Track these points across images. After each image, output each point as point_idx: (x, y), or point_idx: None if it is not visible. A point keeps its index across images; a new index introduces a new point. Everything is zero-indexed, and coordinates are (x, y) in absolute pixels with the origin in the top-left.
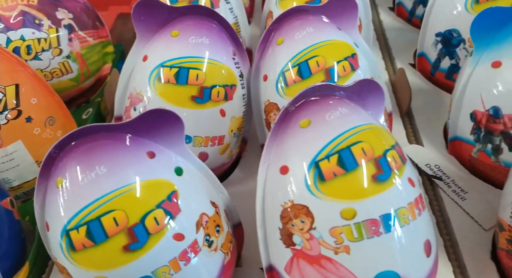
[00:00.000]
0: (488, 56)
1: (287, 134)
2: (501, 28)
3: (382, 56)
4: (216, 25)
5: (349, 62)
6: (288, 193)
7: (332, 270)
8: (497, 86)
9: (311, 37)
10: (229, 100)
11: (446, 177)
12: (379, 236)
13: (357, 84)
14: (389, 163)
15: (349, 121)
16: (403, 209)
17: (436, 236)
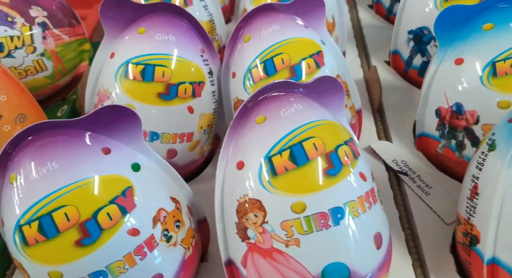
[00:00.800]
0: (452, 53)
1: (244, 131)
2: (464, 25)
3: (358, 54)
4: (184, 23)
5: (314, 60)
6: (243, 188)
7: (283, 262)
8: (459, 83)
9: (277, 34)
10: (197, 97)
11: (412, 172)
12: (328, 229)
13: (316, 81)
14: (340, 158)
15: (303, 118)
16: (353, 203)
17: (398, 230)
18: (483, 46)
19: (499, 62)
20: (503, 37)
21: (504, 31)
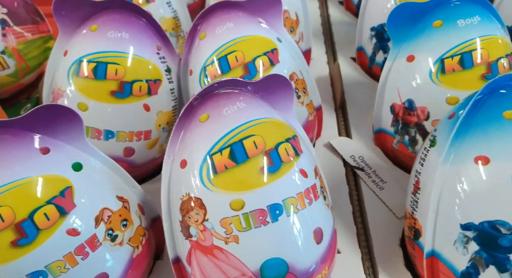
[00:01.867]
0: (405, 51)
1: (189, 129)
2: (416, 22)
3: (326, 50)
4: (139, 20)
5: (269, 57)
6: (186, 186)
7: (223, 259)
8: (411, 79)
9: (231, 32)
10: (154, 95)
11: (368, 167)
12: (266, 225)
13: (265, 79)
14: (281, 155)
15: (245, 116)
16: (292, 199)
17: (350, 224)
18: (433, 43)
19: (447, 59)
20: (451, 34)
21: (452, 28)
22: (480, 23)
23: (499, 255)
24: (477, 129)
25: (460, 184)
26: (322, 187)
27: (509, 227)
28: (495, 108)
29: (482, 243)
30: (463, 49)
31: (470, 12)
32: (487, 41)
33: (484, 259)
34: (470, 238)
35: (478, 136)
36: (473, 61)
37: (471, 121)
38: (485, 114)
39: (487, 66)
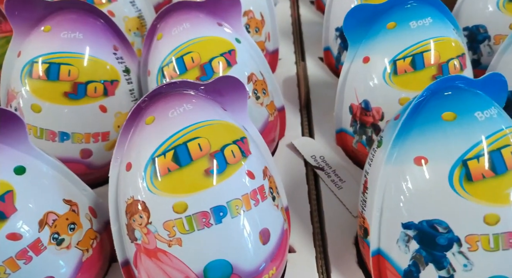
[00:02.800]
0: (361, 52)
1: (136, 131)
2: (372, 24)
3: (294, 50)
4: (95, 20)
5: (226, 58)
6: (130, 190)
7: (167, 262)
8: (366, 80)
9: (187, 33)
10: (110, 96)
11: (328, 167)
12: (210, 227)
13: (216, 81)
14: (226, 157)
15: (191, 118)
16: (237, 201)
17: (307, 224)
18: (386, 45)
19: (399, 61)
20: (403, 36)
21: (404, 30)
22: (432, 24)
23: (437, 253)
24: (417, 131)
25: (401, 184)
26: (272, 187)
27: (446, 226)
28: (435, 110)
29: (421, 242)
30: (414, 50)
31: (422, 13)
32: (438, 43)
33: (424, 257)
34: (411, 237)
35: (418, 137)
36: (424, 62)
37: (412, 122)
38: (425, 115)
39: (438, 67)
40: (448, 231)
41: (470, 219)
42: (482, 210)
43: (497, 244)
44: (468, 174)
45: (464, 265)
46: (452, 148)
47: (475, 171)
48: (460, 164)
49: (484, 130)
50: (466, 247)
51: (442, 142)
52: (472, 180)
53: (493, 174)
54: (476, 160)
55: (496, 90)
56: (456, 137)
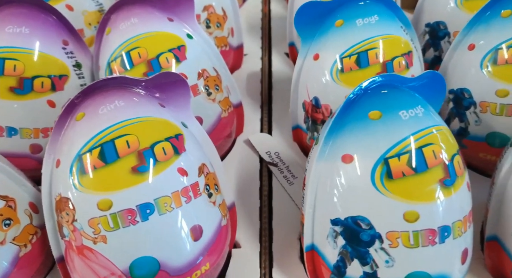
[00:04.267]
0: (313, 49)
1: (68, 127)
2: (322, 21)
3: (261, 46)
4: (42, 14)
5: (174, 54)
6: (58, 187)
7: (93, 259)
8: (316, 78)
9: (134, 28)
10: (59, 91)
11: (282, 163)
12: (136, 224)
13: (157, 77)
14: (156, 154)
15: (122, 115)
16: (166, 198)
17: (256, 220)
18: (334, 42)
19: (345, 58)
20: (350, 33)
21: (351, 28)
22: (378, 22)
23: (361, 249)
24: (347, 129)
25: (330, 181)
26: (209, 184)
27: (368, 223)
28: (363, 108)
29: (347, 238)
30: (360, 48)
31: (369, 11)
32: (383, 41)
33: (350, 253)
34: (338, 233)
35: (347, 135)
36: (369, 60)
37: (342, 120)
38: (354, 114)
39: (382, 65)
40: (370, 228)
41: (391, 216)
42: (402, 207)
43: (417, 240)
44: (389, 172)
45: (386, 261)
46: (375, 146)
47: (395, 169)
48: (382, 162)
49: (407, 129)
50: (387, 244)
51: (367, 140)
52: (392, 177)
53: (413, 172)
54: (397, 158)
55: (434, 88)
56: (379, 136)
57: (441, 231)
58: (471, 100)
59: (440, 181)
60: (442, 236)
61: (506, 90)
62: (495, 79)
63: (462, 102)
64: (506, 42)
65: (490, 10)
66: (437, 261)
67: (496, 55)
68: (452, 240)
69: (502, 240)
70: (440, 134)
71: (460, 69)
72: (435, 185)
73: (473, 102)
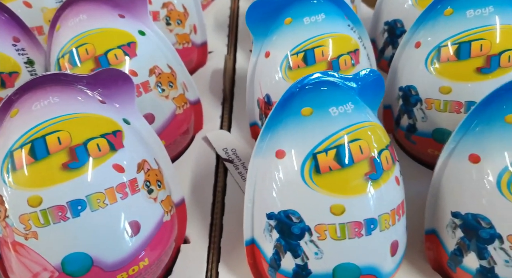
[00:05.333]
0: (265, 46)
1: (3, 124)
2: (274, 19)
3: (227, 43)
4: None
5: (123, 51)
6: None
7: (25, 255)
8: (267, 75)
9: (83, 24)
10: (9, 87)
11: (238, 160)
12: (66, 220)
13: (99, 73)
14: (90, 151)
15: (55, 111)
16: (99, 194)
17: (207, 216)
18: (283, 40)
19: (293, 56)
20: (298, 31)
21: (299, 26)
22: (324, 20)
23: (293, 242)
24: (281, 125)
25: (265, 176)
26: (150, 181)
27: (298, 216)
28: (297, 105)
29: (280, 231)
30: (306, 46)
31: (317, 9)
32: (329, 38)
33: (283, 246)
34: (273, 227)
35: (281, 131)
36: (315, 58)
37: (278, 117)
38: (289, 110)
39: (328, 63)
40: (300, 221)
41: (318, 209)
42: (329, 201)
43: (344, 233)
44: (317, 167)
45: (315, 253)
46: (306, 142)
47: (323, 164)
48: (311, 157)
49: (335, 125)
50: (316, 236)
51: (299, 136)
52: (320, 172)
53: (339, 167)
54: (324, 153)
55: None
56: (310, 132)
57: (367, 223)
58: (418, 97)
59: (365, 175)
60: (368, 229)
61: (448, 87)
62: (439, 77)
63: (410, 99)
64: (448, 40)
65: (435, 8)
66: (364, 253)
67: (439, 52)
68: (379, 232)
69: (439, 233)
70: (369, 130)
71: (408, 66)
72: (360, 179)
73: (420, 99)
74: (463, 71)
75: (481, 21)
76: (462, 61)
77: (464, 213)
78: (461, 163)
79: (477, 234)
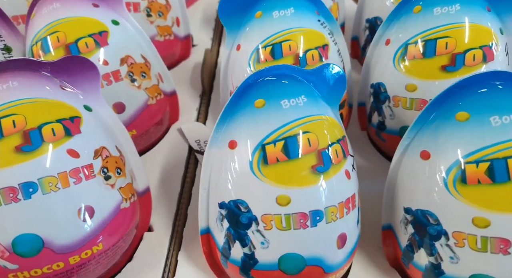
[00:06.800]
0: (237, 39)
1: None
2: (246, 12)
3: (212, 37)
4: None
5: (94, 39)
6: None
7: None
8: (239, 68)
9: (56, 12)
10: None
11: None
12: (18, 202)
13: (63, 60)
14: (43, 135)
15: (12, 95)
16: (51, 178)
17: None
18: (253, 33)
19: (262, 49)
20: (267, 25)
21: (268, 20)
22: (293, 15)
23: (241, 231)
24: (235, 116)
25: (219, 166)
26: (108, 167)
27: (246, 206)
28: (251, 97)
29: (230, 221)
30: (274, 40)
31: (286, 4)
32: (297, 33)
33: (232, 235)
34: (224, 216)
35: (235, 122)
36: (282, 52)
37: (233, 108)
38: (243, 102)
39: (295, 57)
40: (248, 211)
41: (265, 200)
42: (275, 191)
43: (289, 223)
44: (265, 158)
45: (261, 243)
46: (256, 133)
47: (271, 155)
48: (260, 148)
49: (286, 117)
50: (262, 226)
51: (250, 127)
52: (267, 163)
53: (286, 158)
54: (273, 144)
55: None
56: (260, 123)
57: (313, 215)
58: (386, 95)
59: (312, 168)
60: (314, 220)
61: (414, 85)
62: (405, 74)
63: (379, 97)
64: (415, 38)
65: (406, 5)
66: (309, 244)
67: (406, 50)
68: (325, 224)
69: (394, 229)
70: (320, 123)
71: (379, 64)
72: (307, 171)
73: (388, 96)
74: (429, 69)
75: (447, 19)
76: (428, 59)
77: (415, 209)
78: (414, 159)
79: (426, 231)
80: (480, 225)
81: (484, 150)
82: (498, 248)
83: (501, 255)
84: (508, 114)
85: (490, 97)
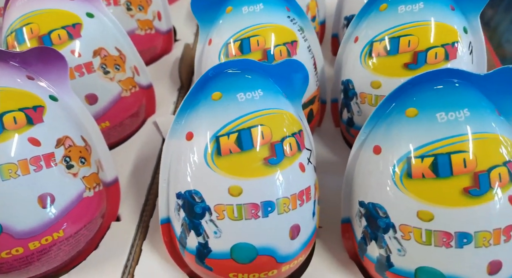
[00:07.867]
0: (210, 34)
1: None
2: (219, 7)
3: (195, 32)
4: None
5: (67, 31)
6: None
7: None
8: (210, 63)
9: (31, 4)
10: None
11: None
12: None
13: (30, 51)
14: (4, 123)
15: None
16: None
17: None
18: (223, 28)
19: (230, 44)
20: (236, 21)
21: (238, 15)
22: (262, 11)
23: (195, 221)
24: (194, 108)
25: (177, 157)
26: (70, 156)
27: (200, 196)
28: (209, 90)
29: (186, 210)
30: (243, 35)
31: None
32: (266, 29)
33: (188, 224)
34: (180, 206)
35: (192, 114)
36: (250, 47)
37: (193, 100)
38: (201, 95)
39: (263, 53)
40: (202, 201)
41: (218, 190)
42: (227, 182)
43: (240, 213)
44: (219, 149)
45: (214, 232)
46: (211, 125)
47: (224, 146)
48: (214, 140)
49: (241, 110)
50: (215, 216)
51: (206, 119)
52: (221, 154)
53: (239, 150)
54: (226, 136)
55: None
56: (216, 116)
57: (264, 206)
58: (354, 91)
59: (265, 159)
60: (265, 211)
61: (379, 82)
62: (371, 71)
63: (348, 93)
64: (380, 35)
65: (374, 3)
66: (261, 234)
67: (371, 47)
68: (277, 215)
69: (352, 222)
70: (274, 117)
71: (348, 61)
72: (259, 162)
73: (355, 93)
74: (392, 66)
75: (411, 17)
76: (391, 57)
77: (367, 202)
78: (367, 153)
79: (376, 223)
80: (425, 219)
81: (429, 145)
82: (441, 241)
83: (444, 248)
84: (454, 111)
85: (440, 94)
